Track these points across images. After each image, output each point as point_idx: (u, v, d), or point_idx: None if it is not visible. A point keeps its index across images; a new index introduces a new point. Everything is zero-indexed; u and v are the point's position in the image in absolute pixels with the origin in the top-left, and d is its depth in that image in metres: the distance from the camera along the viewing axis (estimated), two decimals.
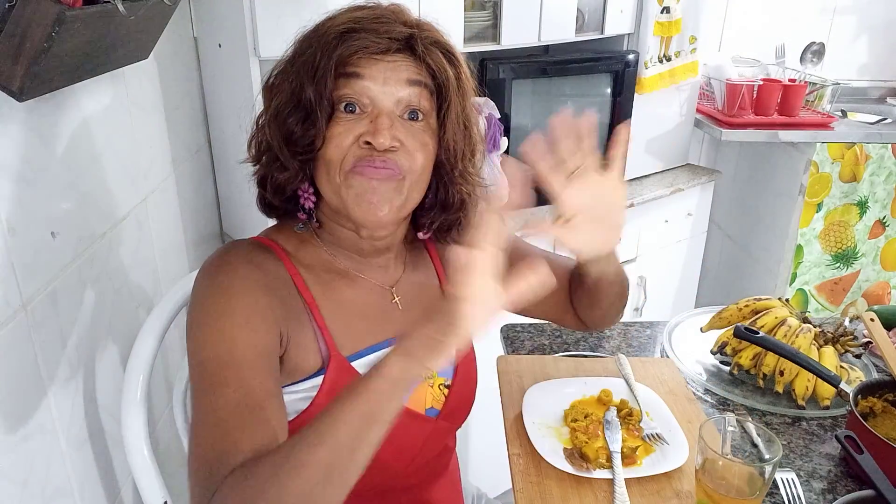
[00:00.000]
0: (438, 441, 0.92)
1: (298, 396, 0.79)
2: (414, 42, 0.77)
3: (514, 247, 1.00)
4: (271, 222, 0.90)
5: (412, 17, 0.80)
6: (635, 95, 2.02)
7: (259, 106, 0.84)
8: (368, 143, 0.75)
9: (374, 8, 0.79)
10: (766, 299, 1.20)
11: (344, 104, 0.77)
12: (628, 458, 0.91)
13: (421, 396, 0.88)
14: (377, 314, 0.86)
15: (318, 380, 0.79)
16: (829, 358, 1.07)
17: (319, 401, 0.79)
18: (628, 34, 2.04)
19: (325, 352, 0.80)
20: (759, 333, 1.08)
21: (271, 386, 0.72)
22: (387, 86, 0.76)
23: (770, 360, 1.08)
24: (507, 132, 1.80)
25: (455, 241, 0.90)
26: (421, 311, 0.61)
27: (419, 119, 0.79)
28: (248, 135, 0.85)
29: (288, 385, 0.79)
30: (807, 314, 1.17)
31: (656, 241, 2.22)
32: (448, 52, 0.80)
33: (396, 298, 0.88)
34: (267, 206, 0.86)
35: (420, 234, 0.90)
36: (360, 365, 0.82)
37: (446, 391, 0.90)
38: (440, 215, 0.87)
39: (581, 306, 0.98)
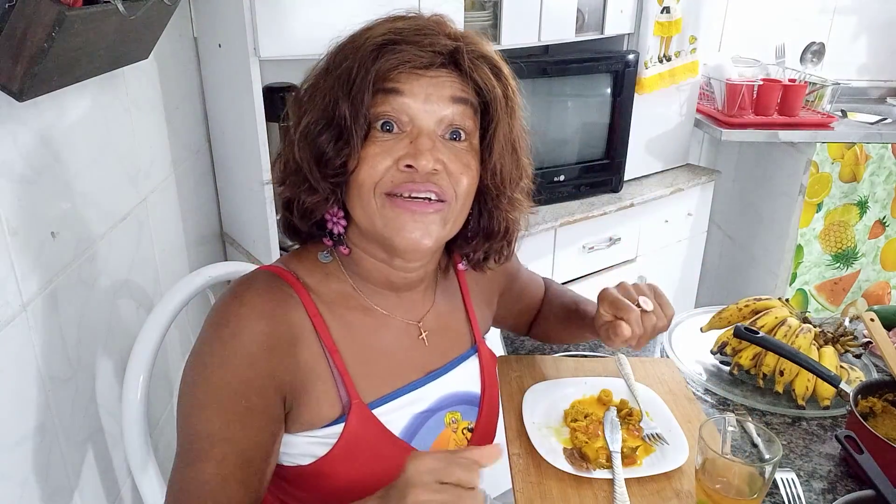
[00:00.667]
0: None
1: (315, 441, 0.76)
2: (459, 56, 0.71)
3: (514, 268, 1.04)
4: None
5: (456, 29, 0.75)
6: (635, 95, 2.03)
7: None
8: (410, 166, 0.70)
9: (415, 18, 0.74)
10: (766, 299, 1.20)
11: (381, 122, 0.71)
12: (628, 458, 0.91)
13: (444, 444, 0.84)
14: (403, 354, 0.82)
15: (338, 428, 0.75)
16: (829, 358, 1.07)
17: (337, 451, 0.75)
18: (628, 34, 2.05)
19: (346, 399, 0.76)
20: (759, 333, 1.07)
21: (256, 460, 0.71)
22: (429, 103, 0.70)
23: (770, 360, 1.08)
24: None
25: (491, 269, 0.87)
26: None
27: (462, 139, 0.74)
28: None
29: (303, 431, 0.76)
30: (807, 314, 1.17)
31: (656, 241, 2.22)
32: (495, 67, 0.75)
33: (423, 334, 0.84)
34: (291, 230, 0.81)
35: (461, 266, 0.87)
36: (381, 412, 0.78)
37: (469, 435, 0.87)
38: (483, 244, 0.83)
39: (547, 329, 1.06)
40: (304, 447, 0.76)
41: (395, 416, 0.79)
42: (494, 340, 1.25)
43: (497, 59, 0.75)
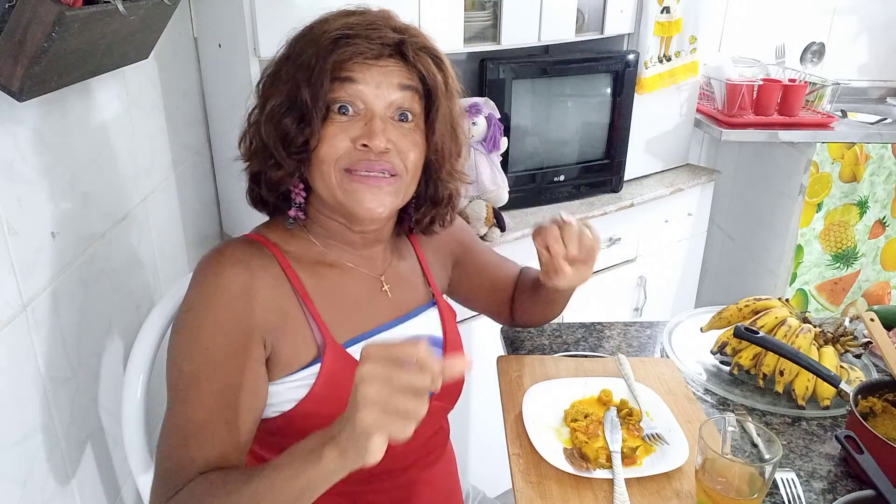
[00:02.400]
0: (433, 420, 0.94)
1: (295, 385, 0.82)
2: (404, 47, 0.81)
3: (468, 239, 1.10)
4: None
5: (401, 23, 0.84)
6: (635, 95, 2.03)
7: (250, 103, 0.87)
8: (365, 145, 0.79)
9: (365, 14, 0.83)
10: (766, 299, 1.20)
11: (338, 105, 0.80)
12: (628, 458, 0.91)
13: None
14: (368, 302, 0.90)
15: (315, 368, 0.82)
16: (829, 358, 1.07)
17: (317, 388, 0.81)
18: (628, 34, 2.04)
19: (321, 340, 0.82)
20: (759, 333, 1.07)
21: (241, 400, 0.76)
22: (379, 89, 0.80)
23: (770, 360, 1.08)
24: (507, 132, 1.80)
25: (437, 233, 0.98)
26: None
27: (409, 120, 0.83)
28: (238, 131, 0.88)
29: (283, 377, 0.82)
30: (807, 314, 1.17)
31: (656, 241, 2.22)
32: (436, 57, 0.84)
33: (386, 286, 0.92)
34: (257, 201, 0.90)
35: (412, 231, 0.97)
36: (354, 350, 0.84)
37: None
38: (430, 210, 0.93)
39: (524, 308, 1.10)
40: (285, 393, 0.81)
41: None
42: (494, 340, 1.25)
43: (438, 51, 0.85)
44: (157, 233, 1.26)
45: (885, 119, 2.40)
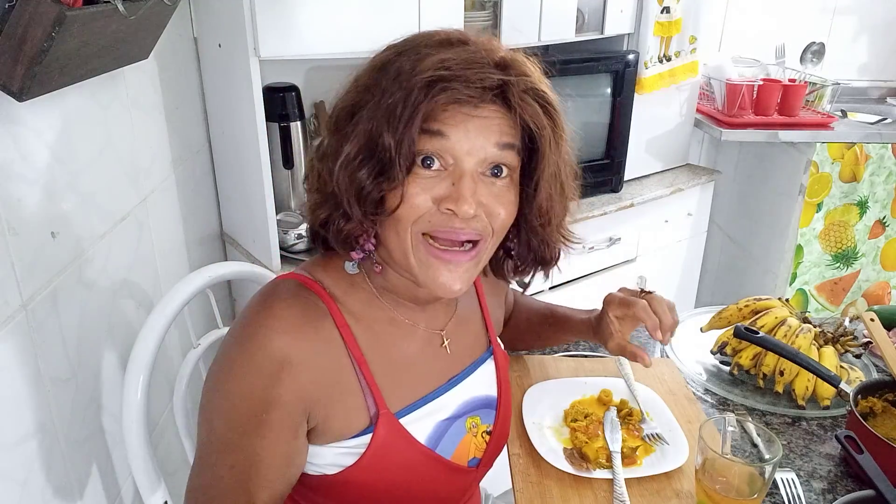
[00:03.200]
0: (474, 486, 0.92)
1: (343, 452, 0.76)
2: (508, 92, 0.68)
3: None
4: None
5: (504, 54, 0.70)
6: (635, 95, 2.03)
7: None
8: (451, 209, 0.68)
9: (464, 47, 0.69)
10: (766, 299, 1.20)
11: (422, 158, 0.68)
12: (628, 458, 0.91)
13: (466, 449, 0.84)
14: (426, 363, 0.82)
15: (366, 438, 0.75)
16: (829, 358, 1.07)
17: (366, 460, 0.75)
18: (628, 34, 2.04)
19: (374, 409, 0.75)
20: (759, 333, 1.07)
21: (273, 472, 0.70)
22: (474, 147, 0.68)
23: (770, 360, 1.08)
24: None
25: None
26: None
27: (503, 175, 0.71)
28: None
29: (331, 443, 0.76)
30: (807, 314, 1.17)
31: (656, 241, 2.22)
32: (545, 102, 0.72)
33: (446, 343, 0.84)
34: (318, 240, 0.79)
35: (513, 284, 0.91)
36: (408, 421, 0.78)
37: (488, 437, 0.87)
38: (534, 267, 0.83)
39: (514, 336, 1.07)
40: (331, 458, 0.76)
41: (420, 425, 0.79)
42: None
43: (546, 91, 0.72)
44: (157, 233, 1.26)
45: (885, 119, 2.40)
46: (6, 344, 0.76)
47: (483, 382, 0.88)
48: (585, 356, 1.17)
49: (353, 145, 0.68)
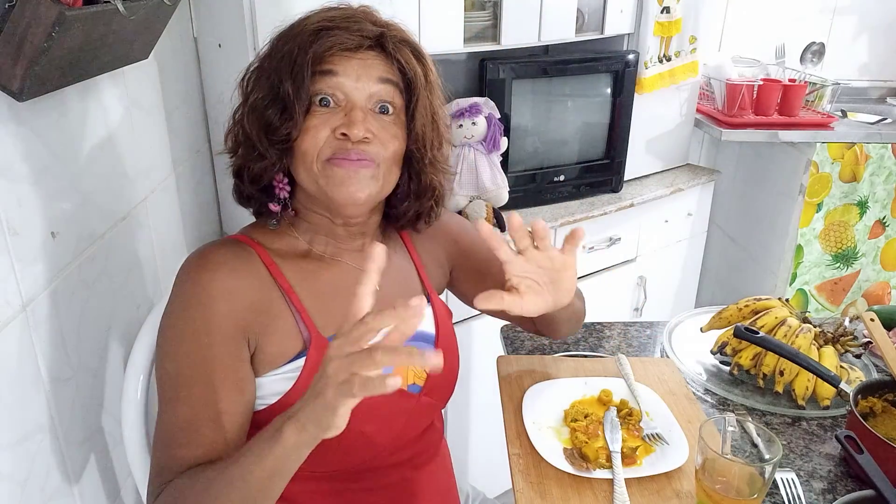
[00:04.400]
0: (423, 417, 0.94)
1: (280, 377, 0.83)
2: (384, 40, 0.83)
3: (468, 240, 1.07)
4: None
5: (381, 18, 0.86)
6: (635, 95, 2.03)
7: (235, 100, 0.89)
8: (344, 134, 0.80)
9: (345, 8, 0.85)
10: (766, 299, 1.20)
11: (319, 98, 0.81)
12: (628, 458, 0.91)
13: (401, 374, 0.89)
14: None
15: (300, 361, 0.83)
16: (829, 358, 1.07)
17: (301, 382, 0.82)
18: (628, 34, 2.05)
19: (307, 334, 0.83)
20: (759, 333, 1.08)
21: (225, 398, 0.78)
22: (360, 82, 0.81)
23: (770, 360, 1.08)
24: (507, 132, 1.80)
25: (422, 230, 0.98)
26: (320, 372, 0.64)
27: (389, 113, 0.84)
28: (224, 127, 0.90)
29: (270, 371, 0.83)
30: (807, 314, 1.17)
31: (656, 241, 2.22)
32: (416, 51, 0.86)
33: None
34: (242, 196, 0.91)
35: (401, 228, 0.97)
36: None
37: (425, 372, 0.92)
38: (414, 203, 0.93)
39: (537, 326, 1.05)
40: (269, 386, 0.83)
41: None
42: (494, 340, 1.25)
43: (417, 44, 0.87)
44: (157, 233, 1.26)
45: (885, 119, 2.40)
46: (6, 344, 0.76)
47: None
48: (585, 356, 1.17)
49: (259, 92, 0.83)
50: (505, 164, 1.83)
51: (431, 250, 1.04)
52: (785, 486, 0.89)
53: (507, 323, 1.27)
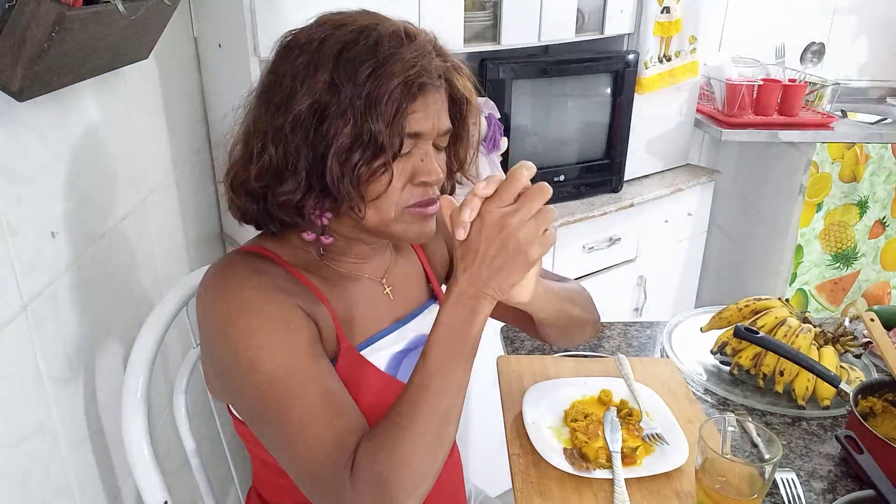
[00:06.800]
0: None
1: None
2: (450, 74, 0.78)
3: None
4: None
5: (441, 45, 0.79)
6: (635, 95, 2.03)
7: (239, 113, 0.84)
8: (425, 182, 0.77)
9: (421, 41, 0.75)
10: (766, 299, 1.20)
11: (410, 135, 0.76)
12: (628, 458, 0.91)
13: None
14: (373, 305, 0.89)
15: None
16: (829, 358, 1.07)
17: None
18: (628, 34, 2.05)
19: (336, 344, 0.82)
20: (759, 333, 1.08)
21: (329, 373, 0.75)
22: (434, 122, 0.76)
23: (770, 360, 1.08)
24: (507, 132, 1.80)
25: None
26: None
27: (441, 146, 0.81)
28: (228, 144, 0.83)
29: None
30: (807, 314, 1.17)
31: (656, 241, 2.22)
32: (467, 73, 0.82)
33: (388, 290, 0.91)
34: (246, 215, 0.81)
35: None
36: (368, 353, 0.84)
37: None
38: None
39: (538, 330, 1.02)
40: None
41: (378, 356, 0.85)
42: (494, 340, 1.25)
43: (464, 67, 0.82)
44: (157, 233, 1.26)
45: (885, 119, 2.40)
46: (6, 344, 0.76)
47: (426, 324, 0.90)
48: (585, 356, 1.17)
49: (334, 128, 0.72)
50: (505, 164, 1.83)
51: (437, 249, 1.04)
52: (785, 486, 0.89)
53: (507, 323, 1.27)
